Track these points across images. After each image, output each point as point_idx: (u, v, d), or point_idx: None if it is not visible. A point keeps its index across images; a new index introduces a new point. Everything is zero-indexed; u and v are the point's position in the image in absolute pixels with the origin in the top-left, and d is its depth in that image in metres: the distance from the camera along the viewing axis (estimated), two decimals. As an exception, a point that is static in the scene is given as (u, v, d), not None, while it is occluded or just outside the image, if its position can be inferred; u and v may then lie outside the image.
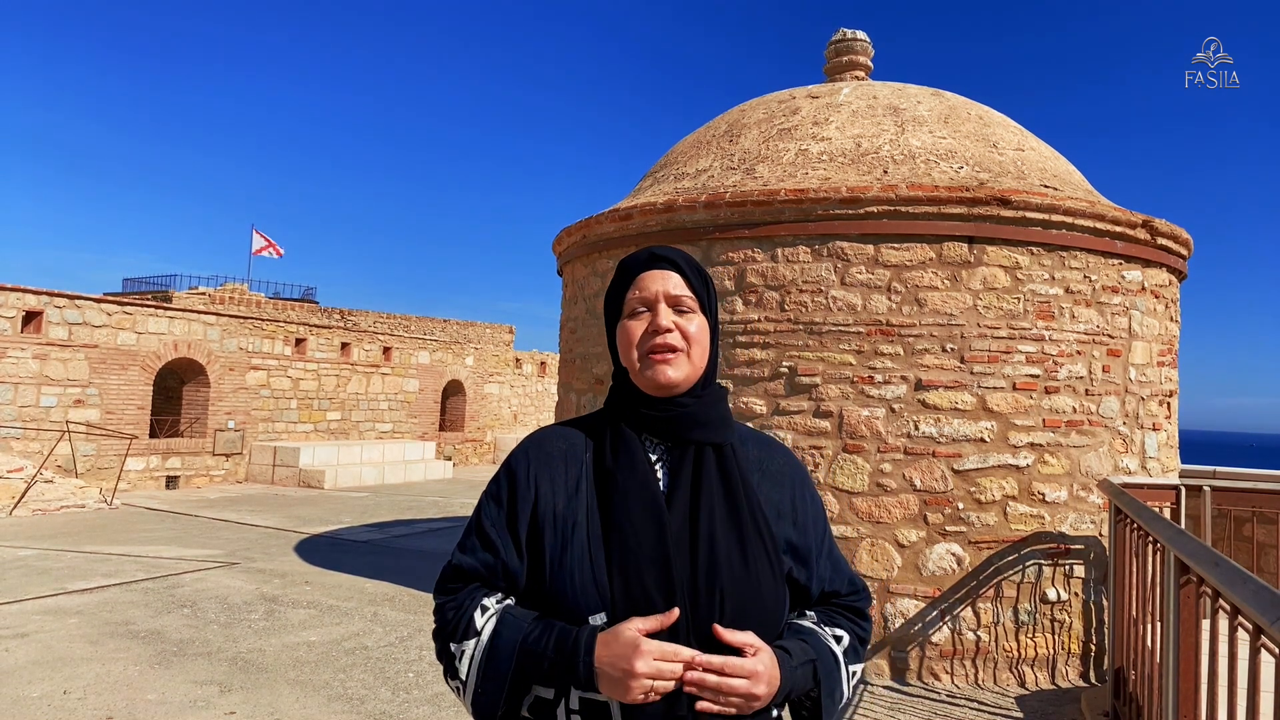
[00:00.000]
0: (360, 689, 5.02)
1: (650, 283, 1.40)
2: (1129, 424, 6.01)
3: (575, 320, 7.35)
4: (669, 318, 1.38)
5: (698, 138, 7.41)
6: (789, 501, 1.45)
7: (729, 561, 1.31)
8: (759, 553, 1.34)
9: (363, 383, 18.39)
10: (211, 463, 15.24)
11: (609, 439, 1.40)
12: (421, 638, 6.05)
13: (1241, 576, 2.21)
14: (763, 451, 1.49)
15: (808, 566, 1.44)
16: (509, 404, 22.64)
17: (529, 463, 1.42)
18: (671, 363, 1.36)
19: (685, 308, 1.40)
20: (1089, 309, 5.87)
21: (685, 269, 1.42)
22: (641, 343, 1.38)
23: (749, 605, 1.31)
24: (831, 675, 1.37)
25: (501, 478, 1.44)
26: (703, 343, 1.40)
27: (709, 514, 1.34)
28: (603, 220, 6.77)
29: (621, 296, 1.44)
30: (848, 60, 7.85)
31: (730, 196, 5.96)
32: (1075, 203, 5.78)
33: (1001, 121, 6.99)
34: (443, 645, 1.37)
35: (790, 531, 1.43)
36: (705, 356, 1.41)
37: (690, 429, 1.38)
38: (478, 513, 1.44)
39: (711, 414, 1.40)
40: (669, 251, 1.43)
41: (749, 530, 1.35)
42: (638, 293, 1.41)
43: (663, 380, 1.36)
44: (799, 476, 1.50)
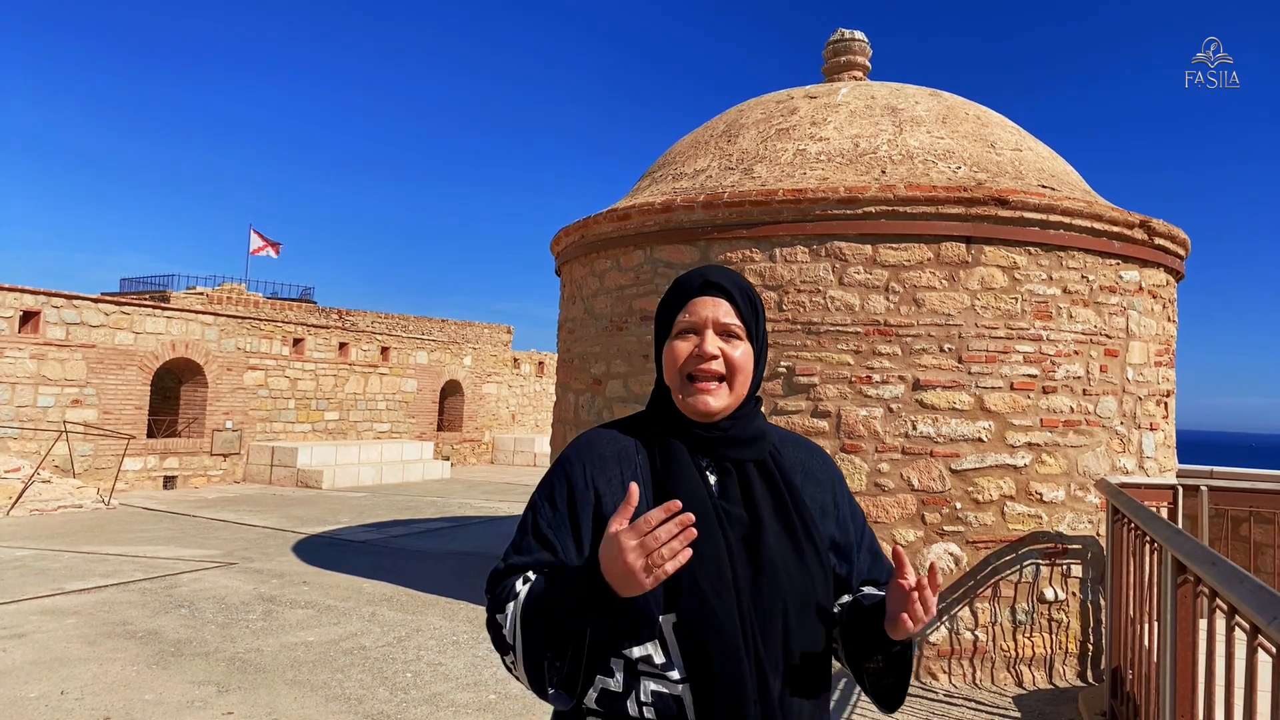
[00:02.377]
0: (358, 689, 5.01)
1: (700, 308, 1.44)
2: (1126, 424, 6.02)
3: (573, 320, 7.36)
4: (715, 345, 1.42)
5: (696, 138, 7.41)
6: (831, 500, 1.52)
7: (784, 561, 1.36)
8: (811, 552, 1.40)
9: (361, 383, 18.38)
10: (209, 463, 15.23)
11: (659, 449, 1.44)
12: (420, 638, 6.05)
13: (1239, 576, 2.21)
14: (802, 453, 1.55)
15: (848, 561, 1.51)
16: (507, 404, 22.63)
17: (585, 465, 1.45)
18: (713, 392, 1.41)
19: (732, 334, 1.44)
20: (1086, 309, 5.88)
21: (737, 297, 1.45)
22: (685, 365, 1.43)
23: (806, 602, 1.37)
24: (911, 643, 1.44)
25: (556, 480, 1.45)
26: (746, 370, 1.44)
27: (762, 518, 1.39)
28: (601, 220, 6.77)
29: (672, 316, 1.48)
30: (846, 60, 7.86)
31: (728, 197, 5.97)
32: (1073, 203, 5.79)
33: (999, 121, 7.00)
34: (495, 631, 1.37)
35: (834, 529, 1.50)
36: (747, 384, 1.45)
37: (729, 449, 1.43)
38: (531, 515, 1.45)
39: (749, 433, 1.45)
40: (722, 278, 1.47)
41: (799, 532, 1.40)
42: (688, 316, 1.45)
43: (702, 409, 1.41)
44: (837, 475, 1.58)
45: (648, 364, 6.34)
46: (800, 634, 1.36)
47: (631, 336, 6.49)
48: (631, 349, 6.48)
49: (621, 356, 6.56)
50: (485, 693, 5.04)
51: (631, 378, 6.45)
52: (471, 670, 5.42)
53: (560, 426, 7.45)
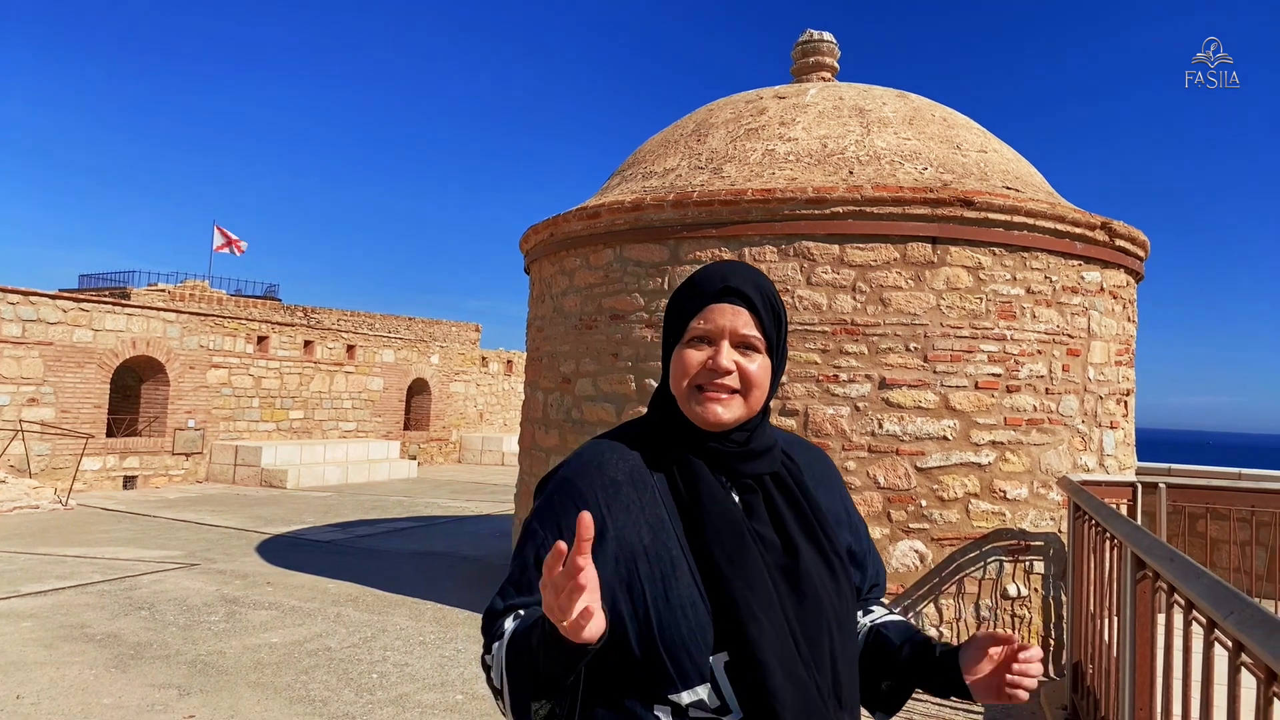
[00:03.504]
0: (323, 690, 4.96)
1: (718, 317, 1.30)
2: (1088, 422, 6.11)
3: (543, 319, 7.33)
4: (730, 359, 1.29)
5: (666, 137, 7.42)
6: (841, 507, 1.44)
7: (823, 585, 1.28)
8: (841, 570, 1.32)
9: (326, 381, 18.18)
10: (171, 462, 14.98)
11: (678, 469, 1.31)
12: (386, 638, 6.00)
13: (1196, 571, 2.25)
14: (807, 457, 1.46)
15: (862, 569, 1.44)
16: (475, 403, 22.50)
17: (595, 492, 1.29)
18: (724, 403, 1.29)
19: (751, 347, 1.31)
20: (1049, 309, 5.97)
21: (759, 305, 1.31)
22: (696, 377, 1.30)
23: (845, 624, 1.29)
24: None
25: (560, 510, 1.29)
26: (762, 385, 1.32)
27: (795, 540, 1.30)
28: (570, 218, 6.75)
29: (685, 320, 1.33)
30: (814, 61, 7.90)
31: (698, 196, 5.98)
32: (1036, 204, 5.87)
33: (965, 123, 7.08)
34: (486, 672, 1.25)
35: (849, 537, 1.42)
36: (762, 398, 1.33)
37: (748, 463, 1.33)
38: (532, 547, 1.28)
39: (763, 445, 1.35)
40: (744, 282, 1.32)
41: (829, 550, 1.32)
42: (702, 324, 1.31)
43: (712, 420, 1.29)
44: (838, 478, 1.50)
45: (617, 362, 6.33)
46: (844, 658, 1.28)
47: (601, 335, 6.48)
48: (601, 348, 6.47)
49: (591, 355, 6.55)
50: (452, 693, 5.01)
51: (601, 376, 6.45)
52: (438, 670, 5.38)
53: (529, 425, 7.42)
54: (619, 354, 6.33)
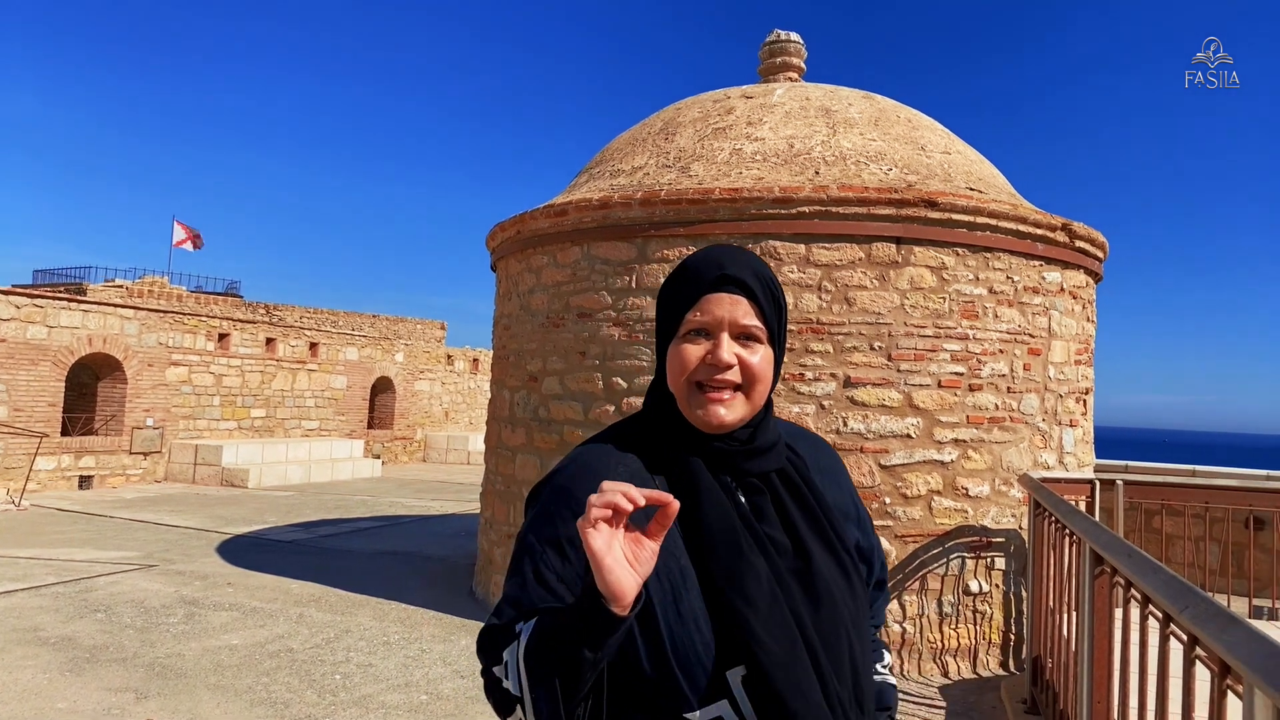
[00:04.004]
0: (285, 692, 4.89)
1: (716, 307, 1.22)
2: (1048, 420, 6.21)
3: (509, 317, 7.29)
4: (731, 352, 1.21)
5: (633, 135, 7.41)
6: (849, 501, 1.38)
7: (838, 587, 1.22)
8: (854, 570, 1.26)
9: (288, 379, 17.94)
10: (128, 461, 14.68)
11: (678, 473, 1.23)
12: (349, 639, 5.93)
13: (1152, 567, 2.29)
14: (811, 450, 1.38)
15: (869, 564, 1.39)
16: (440, 401, 22.33)
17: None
18: (727, 404, 1.21)
19: (752, 337, 1.23)
20: (1011, 309, 6.05)
21: (758, 293, 1.24)
22: (695, 373, 1.22)
23: (861, 627, 1.24)
24: None
25: (559, 520, 1.20)
26: (765, 378, 1.24)
27: (805, 541, 1.23)
28: (538, 216, 6.72)
29: (680, 312, 1.25)
30: (781, 61, 7.94)
31: (666, 194, 5.98)
32: (999, 205, 5.95)
33: (930, 125, 7.16)
34: (493, 687, 1.14)
35: (857, 533, 1.36)
36: (765, 393, 1.26)
37: (752, 461, 1.25)
38: (530, 562, 1.19)
39: (768, 441, 1.27)
40: (743, 270, 1.24)
41: (841, 550, 1.26)
42: (699, 315, 1.23)
43: (715, 422, 1.21)
44: (843, 469, 1.43)
45: (584, 361, 6.32)
46: (864, 663, 1.22)
47: (568, 333, 6.46)
48: (568, 346, 6.45)
49: (558, 354, 6.53)
50: (416, 693, 4.97)
51: (568, 375, 6.43)
52: (403, 671, 5.33)
53: (495, 424, 7.38)
54: (586, 352, 6.32)
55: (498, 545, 6.97)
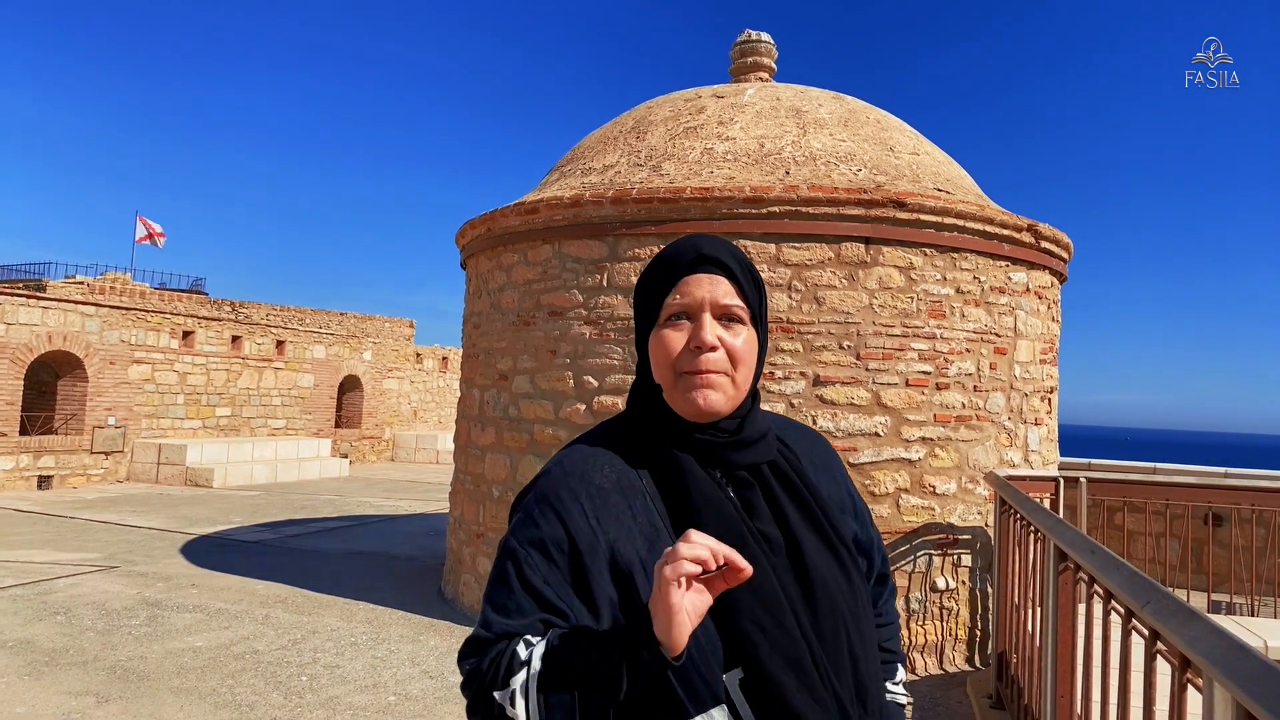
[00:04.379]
0: (250, 695, 4.83)
1: (695, 288, 1.19)
2: (1013, 419, 6.29)
3: (479, 315, 7.25)
4: (714, 332, 1.18)
5: (605, 133, 7.40)
6: (845, 494, 1.34)
7: (835, 581, 1.19)
8: (851, 563, 1.23)
9: (254, 377, 17.71)
10: (89, 461, 14.41)
11: (667, 469, 1.20)
12: (316, 640, 5.87)
13: (1115, 563, 2.33)
14: (804, 443, 1.35)
15: (869, 558, 1.35)
16: (409, 400, 22.16)
17: (583, 502, 1.17)
18: (715, 386, 1.18)
19: (733, 317, 1.20)
20: (978, 308, 6.12)
21: (738, 273, 1.21)
22: (680, 360, 1.19)
23: (861, 622, 1.20)
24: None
25: (544, 523, 1.17)
26: (749, 361, 1.21)
27: (797, 534, 1.20)
28: (508, 214, 6.69)
29: (659, 299, 1.22)
30: (752, 61, 7.97)
31: (637, 193, 5.98)
32: (966, 206, 6.01)
33: (899, 126, 7.22)
34: (486, 711, 1.09)
35: (855, 526, 1.32)
36: (751, 376, 1.22)
37: (741, 454, 1.21)
38: (515, 567, 1.15)
39: (757, 432, 1.24)
40: (720, 250, 1.22)
41: (836, 542, 1.22)
42: (679, 298, 1.20)
43: (703, 407, 1.17)
44: (838, 461, 1.39)
45: (555, 359, 6.30)
46: (865, 659, 1.18)
47: (539, 332, 6.44)
48: (539, 344, 6.43)
49: (529, 352, 6.50)
50: (384, 694, 4.93)
51: (539, 373, 6.40)
52: (370, 672, 5.28)
53: (465, 423, 7.33)
54: (557, 351, 6.30)
55: (467, 545, 6.93)
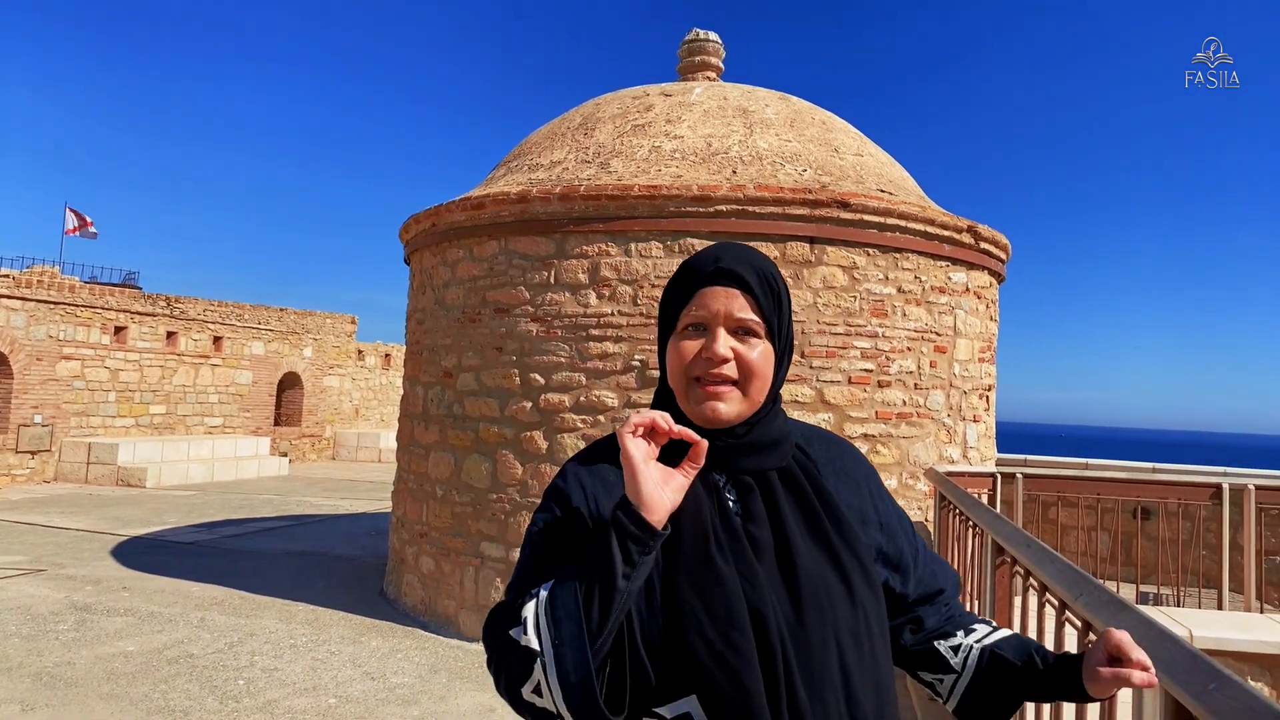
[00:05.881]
0: (184, 700, 4.70)
1: (711, 301, 1.21)
2: (953, 416, 6.42)
3: (423, 311, 7.16)
4: (726, 345, 1.20)
5: (552, 129, 7.36)
6: (869, 504, 1.32)
7: (827, 589, 1.17)
8: (858, 572, 1.20)
9: (190, 374, 17.25)
10: (14, 461, 13.88)
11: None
12: (254, 642, 5.74)
13: (1049, 556, 2.39)
14: (830, 450, 1.34)
15: (902, 573, 1.32)
16: (350, 398, 21.78)
17: (584, 486, 1.23)
18: (723, 398, 1.20)
19: (749, 330, 1.21)
20: (919, 308, 6.23)
21: (755, 287, 1.22)
22: (692, 368, 1.21)
23: (861, 635, 1.17)
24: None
25: (557, 510, 1.22)
26: (764, 374, 1.22)
27: (791, 539, 1.19)
28: (453, 209, 6.62)
29: (678, 309, 1.25)
30: (700, 60, 8.00)
31: (585, 190, 5.96)
32: (908, 207, 6.12)
33: (843, 128, 7.31)
34: (507, 651, 1.10)
35: (878, 537, 1.30)
36: (765, 389, 1.23)
37: (748, 458, 1.23)
38: (531, 544, 1.22)
39: (767, 438, 1.24)
40: (739, 264, 1.23)
41: (841, 549, 1.20)
42: (695, 310, 1.22)
43: (710, 416, 1.20)
44: (868, 472, 1.37)
45: (501, 356, 6.25)
46: (862, 675, 1.15)
47: (485, 329, 6.38)
48: (485, 341, 6.37)
49: (474, 349, 6.44)
50: (324, 696, 4.84)
51: (484, 371, 6.35)
52: (310, 674, 5.19)
53: (408, 421, 7.24)
54: (503, 348, 6.25)
55: (409, 544, 6.84)
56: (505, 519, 6.08)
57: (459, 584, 6.31)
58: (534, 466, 6.02)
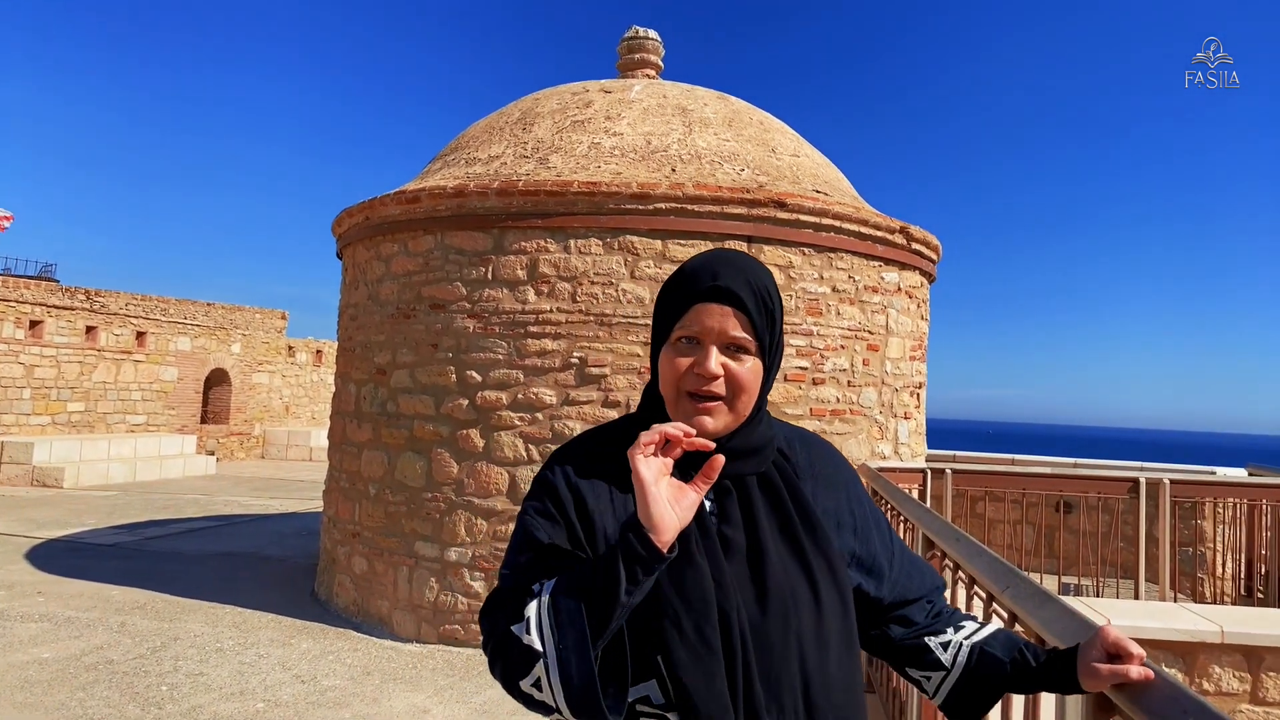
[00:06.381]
0: (102, 708, 4.53)
1: (706, 318, 1.23)
2: (885, 413, 6.55)
3: (356, 307, 7.02)
4: (718, 362, 1.22)
5: (490, 123, 7.29)
6: (846, 508, 1.34)
7: (793, 592, 1.20)
8: (825, 574, 1.23)
9: (111, 371, 16.64)
10: (-82, 461, 13.24)
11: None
12: (178, 646, 5.56)
13: (977, 550, 2.45)
14: (811, 453, 1.37)
15: (875, 577, 1.34)
16: (280, 395, 21.27)
17: (580, 482, 1.26)
18: (711, 413, 1.23)
19: (741, 348, 1.24)
20: (852, 307, 6.34)
21: (749, 305, 1.24)
22: (683, 381, 1.24)
23: (829, 636, 1.21)
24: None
25: (548, 496, 1.26)
26: (751, 390, 1.25)
27: (762, 542, 1.23)
28: (388, 202, 6.50)
29: (672, 320, 1.27)
30: (639, 58, 8.00)
31: (524, 185, 5.92)
32: (843, 207, 6.22)
33: (780, 128, 7.39)
34: (508, 647, 1.12)
35: (852, 541, 1.32)
36: (751, 403, 1.26)
37: (728, 464, 1.23)
38: (524, 532, 1.24)
39: (748, 446, 1.27)
40: (735, 280, 1.24)
41: (810, 552, 1.24)
42: (689, 325, 1.24)
43: (698, 429, 1.21)
44: (848, 477, 1.39)
45: (436, 353, 6.17)
46: (824, 676, 1.18)
47: (420, 325, 6.29)
48: (419, 338, 6.28)
49: (408, 346, 6.34)
50: (252, 701, 4.72)
51: (419, 368, 6.25)
52: (237, 678, 5.05)
53: (340, 419, 7.09)
54: (439, 345, 6.17)
55: (341, 544, 6.71)
56: (440, 518, 6.01)
57: (393, 584, 6.21)
58: (470, 465, 5.95)
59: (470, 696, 4.99)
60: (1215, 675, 4.14)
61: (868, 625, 1.36)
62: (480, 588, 5.85)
